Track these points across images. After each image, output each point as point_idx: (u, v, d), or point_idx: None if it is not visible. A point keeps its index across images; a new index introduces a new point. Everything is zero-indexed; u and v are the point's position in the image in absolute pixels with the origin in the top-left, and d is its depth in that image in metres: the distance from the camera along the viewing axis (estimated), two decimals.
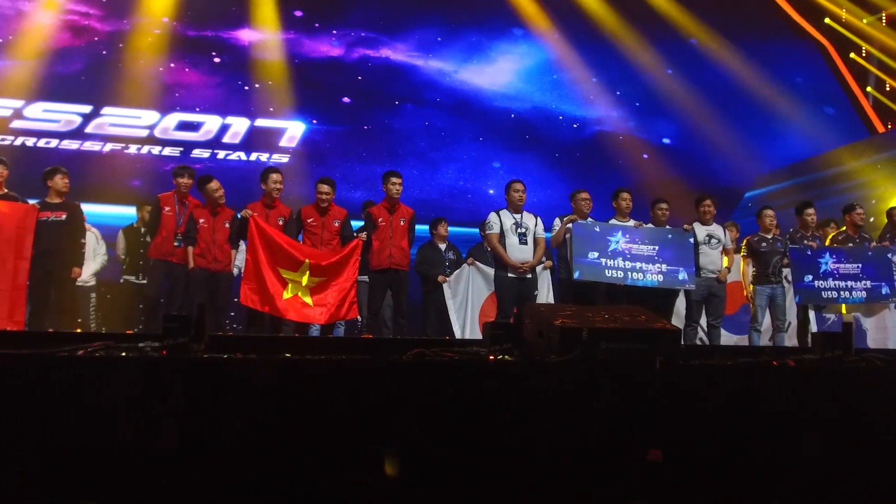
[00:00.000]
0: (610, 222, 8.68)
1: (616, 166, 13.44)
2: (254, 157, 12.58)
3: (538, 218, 8.46)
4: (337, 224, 8.32)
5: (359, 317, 8.37)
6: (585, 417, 4.01)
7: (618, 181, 10.97)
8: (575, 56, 13.87)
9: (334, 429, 3.76)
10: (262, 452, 3.66)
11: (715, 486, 4.08)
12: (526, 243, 8.32)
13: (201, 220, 8.21)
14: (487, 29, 13.72)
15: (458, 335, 9.11)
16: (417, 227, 8.82)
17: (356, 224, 8.43)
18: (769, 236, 9.07)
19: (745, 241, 9.18)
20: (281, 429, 3.72)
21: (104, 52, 12.34)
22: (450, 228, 10.21)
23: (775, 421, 4.20)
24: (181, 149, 12.42)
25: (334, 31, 13.28)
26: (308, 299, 7.87)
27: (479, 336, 8.51)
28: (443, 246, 10.01)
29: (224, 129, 12.61)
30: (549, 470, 3.92)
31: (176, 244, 8.19)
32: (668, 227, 8.78)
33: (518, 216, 8.35)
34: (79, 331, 7.95)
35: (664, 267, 8.44)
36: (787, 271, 9.10)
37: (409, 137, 13.14)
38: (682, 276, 8.49)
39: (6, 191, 8.02)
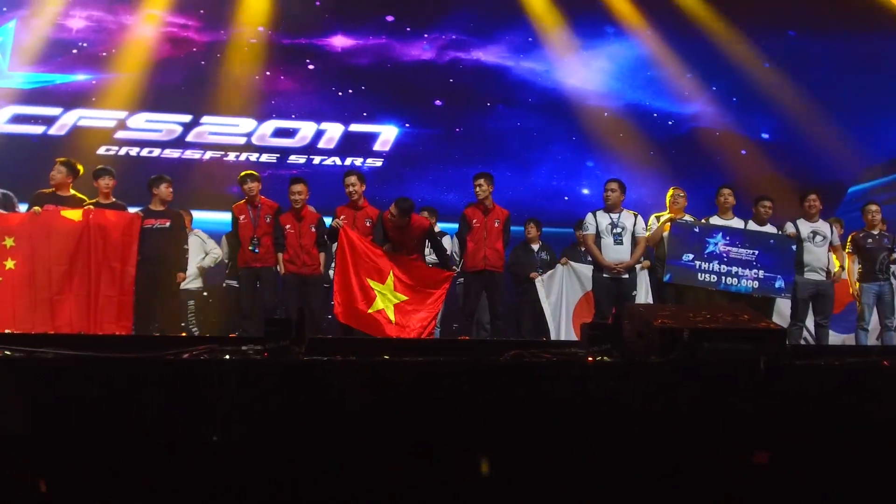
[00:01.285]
0: (710, 220, 8.50)
1: (713, 163, 13.15)
2: (348, 161, 12.73)
3: (638, 216, 8.34)
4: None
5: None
6: (687, 419, 3.93)
7: (715, 178, 10.74)
8: (669, 52, 13.62)
9: (432, 430, 3.76)
10: (363, 454, 3.69)
11: (821, 490, 3.95)
12: (621, 243, 8.22)
13: (287, 226, 8.34)
14: (579, 28, 13.58)
15: (553, 336, 9.05)
16: (513, 228, 8.82)
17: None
18: (875, 232, 8.76)
19: (850, 238, 8.88)
20: (380, 430, 3.74)
21: (202, 63, 12.65)
22: (543, 229, 10.16)
23: (885, 423, 4.05)
24: (278, 155, 12.65)
25: (425, 35, 13.34)
26: (392, 316, 7.86)
27: (574, 337, 8.51)
28: (536, 247, 9.98)
29: (319, 134, 12.79)
30: (651, 473, 3.85)
31: (251, 248, 8.33)
32: (771, 228, 8.55)
33: (615, 216, 8.26)
34: (184, 335, 8.17)
35: (761, 273, 8.22)
36: (894, 267, 8.78)
37: (501, 139, 13.10)
38: (779, 283, 8.25)
39: (113, 199, 8.30)
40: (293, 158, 12.69)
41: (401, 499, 3.72)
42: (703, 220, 8.63)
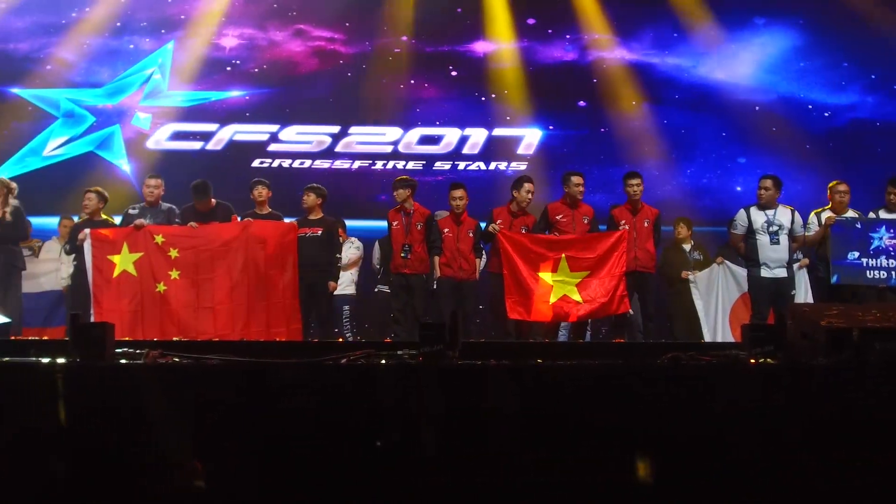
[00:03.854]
0: (873, 215, 8.10)
1: (875, 155, 12.48)
2: (493, 166, 12.75)
3: (795, 212, 8.02)
4: (586, 221, 8.31)
5: (629, 311, 8.27)
6: (858, 423, 3.74)
7: (877, 171, 10.17)
8: (823, 41, 13.05)
9: (587, 434, 3.71)
10: (517, 457, 3.67)
11: None
12: (778, 242, 7.93)
13: (446, 230, 8.43)
14: (726, 20, 13.18)
15: (708, 338, 8.79)
16: (662, 228, 8.66)
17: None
18: None
19: None
20: (534, 433, 3.71)
21: (349, 75, 12.92)
22: (694, 228, 9.92)
23: None
24: (423, 162, 12.79)
25: (567, 36, 13.21)
26: (577, 296, 7.91)
27: (730, 339, 8.27)
28: (687, 247, 9.74)
29: (463, 140, 12.86)
30: (821, 479, 3.69)
31: (402, 255, 8.43)
32: None
33: (770, 213, 7.97)
34: (340, 340, 8.38)
35: None
36: None
37: (647, 137, 12.84)
38: None
39: (269, 210, 8.59)
40: (438, 165, 12.80)
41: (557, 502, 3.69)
42: (867, 215, 8.24)
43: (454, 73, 13.05)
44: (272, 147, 12.73)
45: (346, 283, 9.53)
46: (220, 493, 3.64)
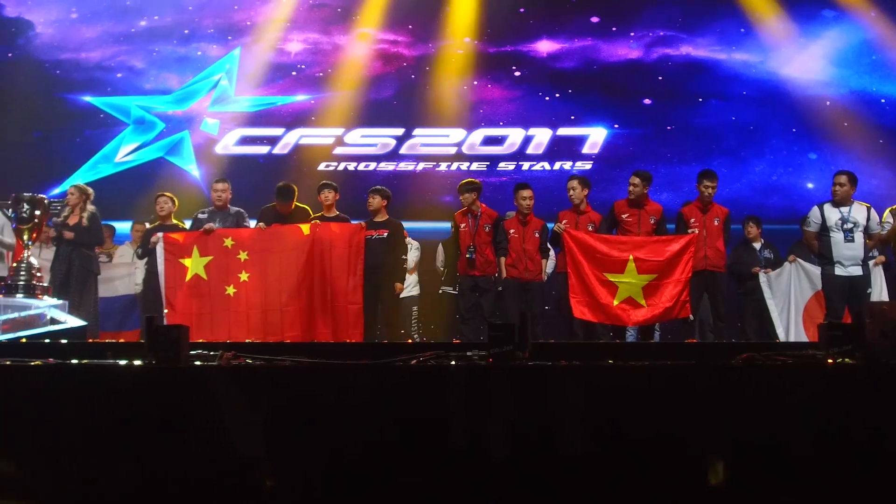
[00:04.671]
0: None
1: None
2: (557, 166, 12.69)
3: (870, 209, 7.82)
4: (653, 221, 8.22)
5: (690, 316, 8.16)
6: None
7: None
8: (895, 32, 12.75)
9: (659, 435, 3.66)
10: (588, 458, 3.64)
11: None
12: (853, 240, 7.75)
13: (511, 231, 8.42)
14: (794, 14, 12.93)
15: (781, 337, 8.64)
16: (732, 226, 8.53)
17: None
18: None
19: None
20: (606, 435, 3.67)
21: (412, 77, 13.00)
22: (764, 226, 9.75)
23: None
24: (487, 163, 12.78)
25: (631, 34, 13.10)
26: (642, 300, 7.85)
27: (804, 338, 8.11)
28: (757, 245, 9.58)
29: (527, 140, 12.82)
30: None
31: (468, 256, 8.42)
32: None
33: (845, 210, 7.78)
34: (409, 341, 8.41)
35: None
36: None
37: (715, 134, 12.65)
38: None
39: (337, 212, 8.66)
40: (502, 165, 12.79)
41: None
42: None
43: (517, 74, 13.03)
44: (337, 150, 12.86)
45: (411, 285, 9.56)
46: (292, 494, 3.67)
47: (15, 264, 6.89)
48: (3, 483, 3.65)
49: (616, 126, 12.84)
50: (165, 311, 8.00)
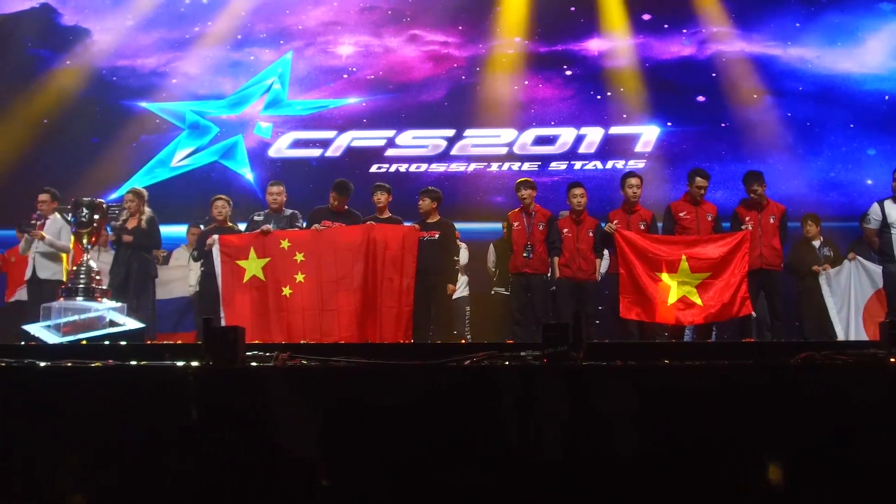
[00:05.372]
0: None
1: None
2: (609, 164, 12.60)
3: None
4: (710, 218, 8.12)
5: (752, 312, 8.04)
6: None
7: None
8: None
9: (717, 435, 3.61)
10: (644, 460, 3.60)
11: None
12: None
13: (565, 230, 8.38)
14: (850, 8, 12.71)
15: (840, 337, 8.48)
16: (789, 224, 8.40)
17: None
18: None
19: None
20: (663, 436, 3.63)
21: (463, 78, 13.02)
22: (823, 224, 9.58)
23: None
24: (539, 163, 12.74)
25: (684, 31, 12.97)
26: (697, 299, 7.75)
27: (864, 337, 7.95)
28: (816, 243, 9.42)
29: (579, 139, 12.76)
30: None
31: (524, 255, 8.38)
32: None
33: None
34: (463, 341, 8.41)
35: None
36: None
37: (770, 131, 12.46)
38: None
39: (389, 214, 8.69)
40: (554, 165, 12.74)
41: None
42: None
43: (569, 73, 12.97)
44: (389, 152, 12.92)
45: (463, 285, 9.56)
46: (346, 494, 3.68)
47: (75, 268, 7.03)
48: (63, 482, 3.73)
49: (669, 124, 12.71)
50: (223, 312, 8.10)
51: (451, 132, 12.87)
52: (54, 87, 12.81)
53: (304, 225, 8.72)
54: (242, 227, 9.02)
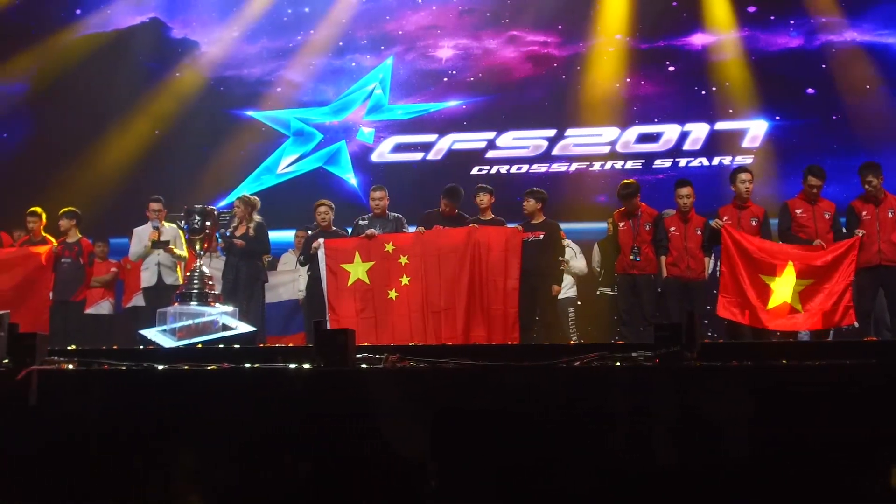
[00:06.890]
0: None
1: None
2: (716, 161, 12.32)
3: None
4: (828, 216, 7.88)
5: (855, 322, 7.75)
6: None
7: None
8: None
9: (837, 438, 3.50)
10: (762, 464, 3.51)
11: None
12: None
13: (672, 229, 8.23)
14: None
15: None
16: None
17: None
18: None
19: None
20: (781, 439, 3.53)
21: (563, 77, 12.92)
22: None
23: None
24: (642, 161, 12.55)
25: (791, 22, 12.59)
26: (798, 305, 7.50)
27: None
28: None
29: (683, 136, 12.51)
30: None
31: (632, 257, 8.26)
32: None
33: None
34: (572, 342, 8.35)
35: None
36: None
37: (886, 123, 11.98)
38: None
39: (492, 216, 8.69)
40: (658, 163, 12.52)
41: None
42: None
43: (672, 69, 12.75)
44: (490, 154, 12.93)
45: (568, 286, 9.48)
46: (456, 495, 3.69)
47: (188, 274, 7.22)
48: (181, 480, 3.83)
49: (778, 118, 12.36)
50: (328, 315, 8.22)
51: (552, 132, 12.79)
52: (165, 98, 13.21)
53: (413, 229, 8.80)
54: (348, 231, 9.14)
